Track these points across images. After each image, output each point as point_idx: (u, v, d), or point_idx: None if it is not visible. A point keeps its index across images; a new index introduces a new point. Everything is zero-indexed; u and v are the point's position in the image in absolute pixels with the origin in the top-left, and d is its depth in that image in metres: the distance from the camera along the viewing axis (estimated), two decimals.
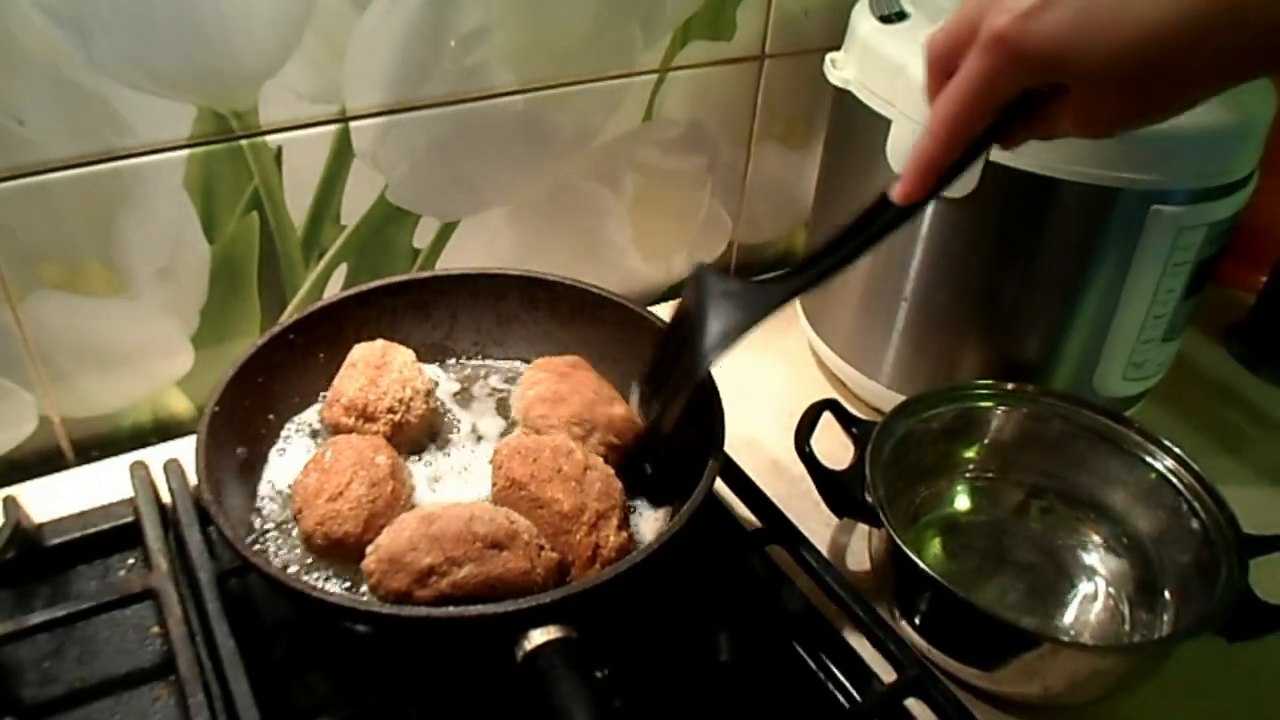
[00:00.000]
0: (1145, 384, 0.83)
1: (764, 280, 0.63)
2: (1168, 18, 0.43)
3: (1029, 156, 0.71)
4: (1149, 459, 0.72)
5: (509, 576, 0.57)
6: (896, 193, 0.55)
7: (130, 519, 0.72)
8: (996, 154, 0.70)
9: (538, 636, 0.53)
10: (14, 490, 0.74)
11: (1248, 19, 0.43)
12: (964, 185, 0.74)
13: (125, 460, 0.76)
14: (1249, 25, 0.43)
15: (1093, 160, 0.70)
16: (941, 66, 0.52)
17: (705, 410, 0.68)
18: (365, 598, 0.60)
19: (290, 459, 0.71)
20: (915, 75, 0.73)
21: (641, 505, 0.70)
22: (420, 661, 0.60)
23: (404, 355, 0.73)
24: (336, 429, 0.70)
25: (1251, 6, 0.42)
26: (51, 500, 0.75)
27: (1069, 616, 0.72)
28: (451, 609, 0.54)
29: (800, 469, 0.73)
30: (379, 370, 0.71)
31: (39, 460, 0.81)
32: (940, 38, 0.52)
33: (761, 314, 0.62)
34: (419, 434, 0.72)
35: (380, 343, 0.74)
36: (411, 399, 0.70)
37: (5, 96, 0.67)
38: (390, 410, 0.69)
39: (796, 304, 0.98)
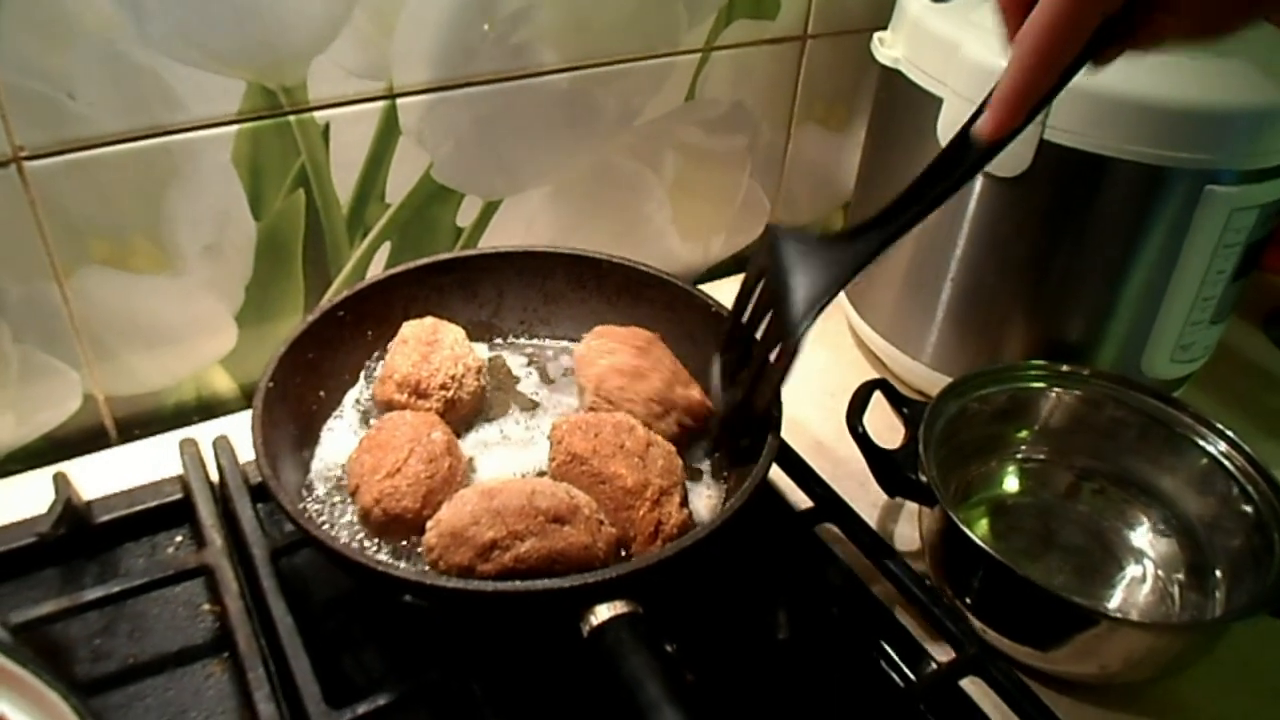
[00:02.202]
0: (1191, 367, 0.83)
1: (841, 235, 0.61)
2: None
3: (1081, 135, 0.71)
4: (1201, 442, 0.72)
5: (571, 551, 0.57)
6: (987, 125, 0.52)
7: (179, 496, 0.71)
8: (1053, 133, 0.72)
9: (604, 612, 0.52)
10: (59, 468, 0.73)
11: None
12: (1016, 164, 0.73)
13: (169, 439, 0.76)
14: None
15: (1146, 139, 0.70)
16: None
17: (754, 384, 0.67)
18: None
19: (340, 436, 0.71)
20: (969, 53, 0.73)
21: (693, 483, 0.69)
22: (477, 636, 0.60)
23: (455, 332, 0.73)
24: (389, 405, 0.69)
25: None
26: (96, 478, 0.74)
27: (1117, 598, 0.72)
28: (518, 584, 0.54)
29: (844, 450, 0.73)
30: (430, 347, 0.70)
31: (82, 438, 0.81)
32: None
33: (849, 273, 0.59)
34: (471, 411, 0.72)
35: (431, 320, 0.73)
36: (464, 376, 0.70)
37: (56, 70, 0.67)
38: (443, 387, 0.69)
39: None
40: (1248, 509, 0.68)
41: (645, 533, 0.61)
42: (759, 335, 0.63)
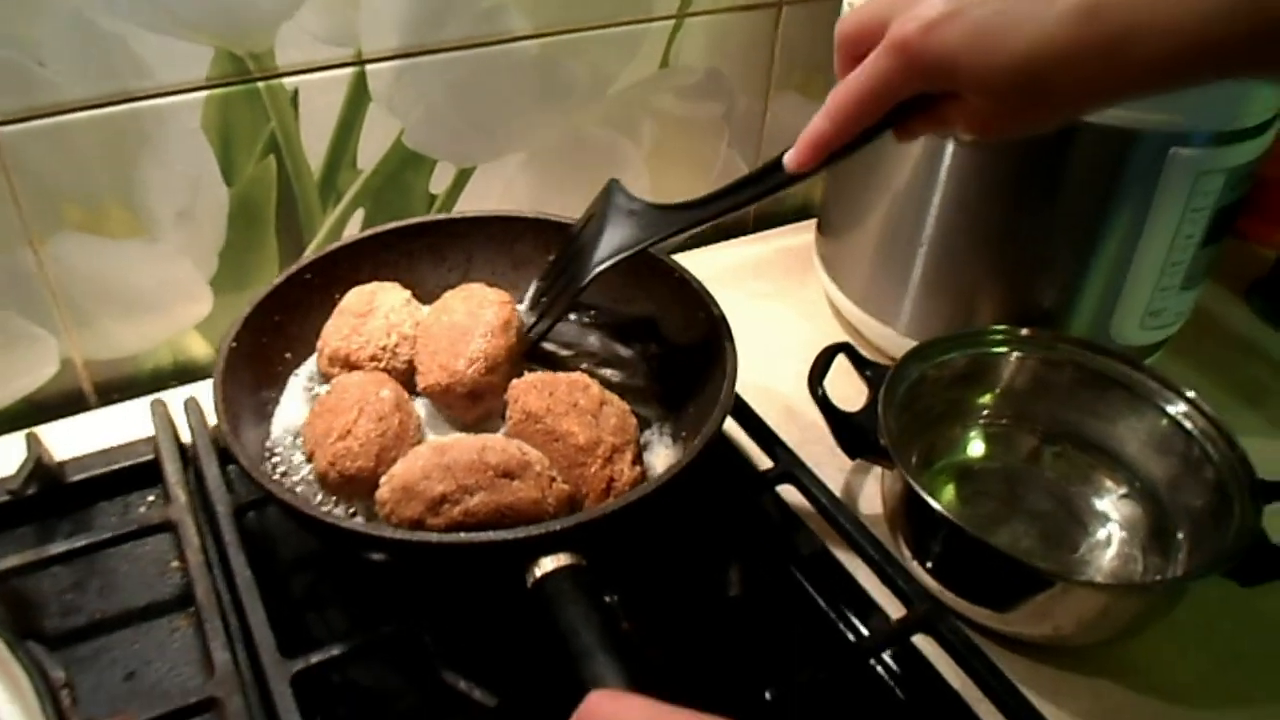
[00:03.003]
0: (1163, 333, 0.83)
1: (664, 207, 0.68)
2: (1051, 41, 0.47)
3: None
4: (1162, 404, 0.72)
5: (520, 505, 0.58)
6: (790, 159, 0.60)
7: (150, 457, 0.73)
8: None
9: (548, 564, 0.53)
10: (36, 430, 0.75)
11: (1121, 49, 0.46)
12: None
13: (146, 403, 0.77)
14: (1121, 55, 0.46)
15: None
16: (849, 51, 0.56)
17: (717, 346, 0.68)
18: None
19: (304, 398, 0.72)
20: None
21: (654, 441, 0.70)
22: (433, 592, 0.61)
23: (395, 298, 0.73)
24: (327, 379, 0.70)
25: (1124, 40, 0.46)
26: (74, 440, 0.76)
27: (1080, 562, 0.72)
28: (463, 535, 0.55)
29: (815, 416, 0.74)
30: (362, 318, 0.71)
31: (62, 402, 0.82)
32: (851, 25, 0.55)
33: (654, 236, 0.67)
34: (411, 377, 0.71)
35: (372, 286, 0.73)
36: (397, 345, 0.70)
37: (26, 37, 0.68)
38: (373, 359, 0.69)
39: (814, 253, 0.98)
40: (1208, 470, 0.68)
41: (597, 490, 0.62)
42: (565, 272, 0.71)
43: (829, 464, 0.76)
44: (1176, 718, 0.65)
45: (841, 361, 0.76)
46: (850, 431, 0.71)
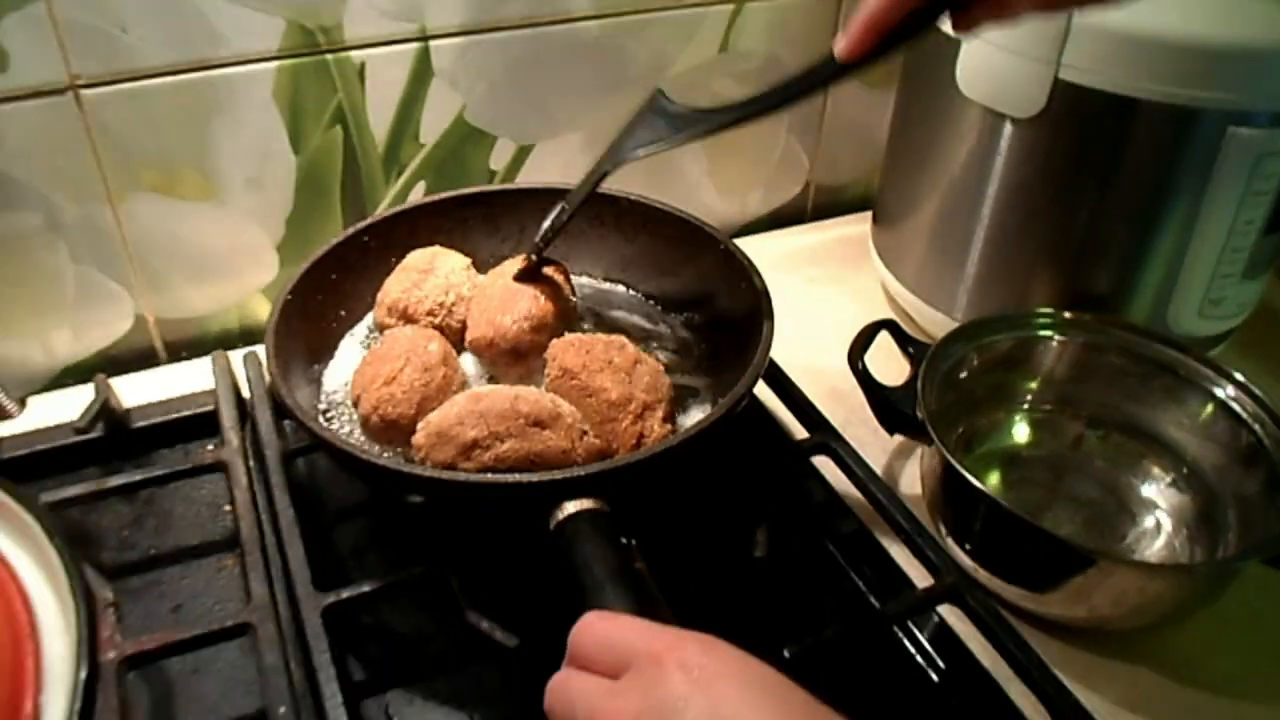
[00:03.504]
0: (1224, 324, 0.81)
1: (706, 110, 0.65)
2: None
3: (1099, 74, 0.70)
4: (1211, 387, 0.70)
5: (549, 454, 0.59)
6: (838, 45, 0.55)
7: (210, 407, 0.76)
8: (1069, 72, 0.71)
9: (570, 507, 0.54)
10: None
11: None
12: (1030, 104, 0.73)
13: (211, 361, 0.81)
14: None
15: (1167, 78, 0.69)
16: None
17: (757, 315, 0.69)
18: None
19: (353, 354, 0.75)
20: None
21: (694, 410, 0.71)
22: (461, 536, 0.62)
23: (454, 262, 0.76)
24: (383, 329, 0.73)
25: None
26: (142, 392, 0.79)
27: (1128, 549, 0.70)
28: (490, 475, 0.56)
29: (861, 399, 0.73)
30: (424, 274, 0.73)
31: (134, 357, 0.86)
32: None
33: (684, 134, 0.65)
34: (463, 338, 0.74)
35: (434, 249, 0.76)
36: (454, 304, 0.73)
37: (109, 4, 0.72)
38: (430, 313, 0.72)
39: (869, 240, 0.98)
40: (1260, 456, 0.67)
41: (627, 445, 0.63)
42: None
43: (871, 444, 0.76)
44: (1216, 709, 0.63)
45: (889, 345, 0.76)
46: (889, 406, 0.71)
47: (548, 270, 0.74)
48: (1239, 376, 0.69)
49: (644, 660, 0.40)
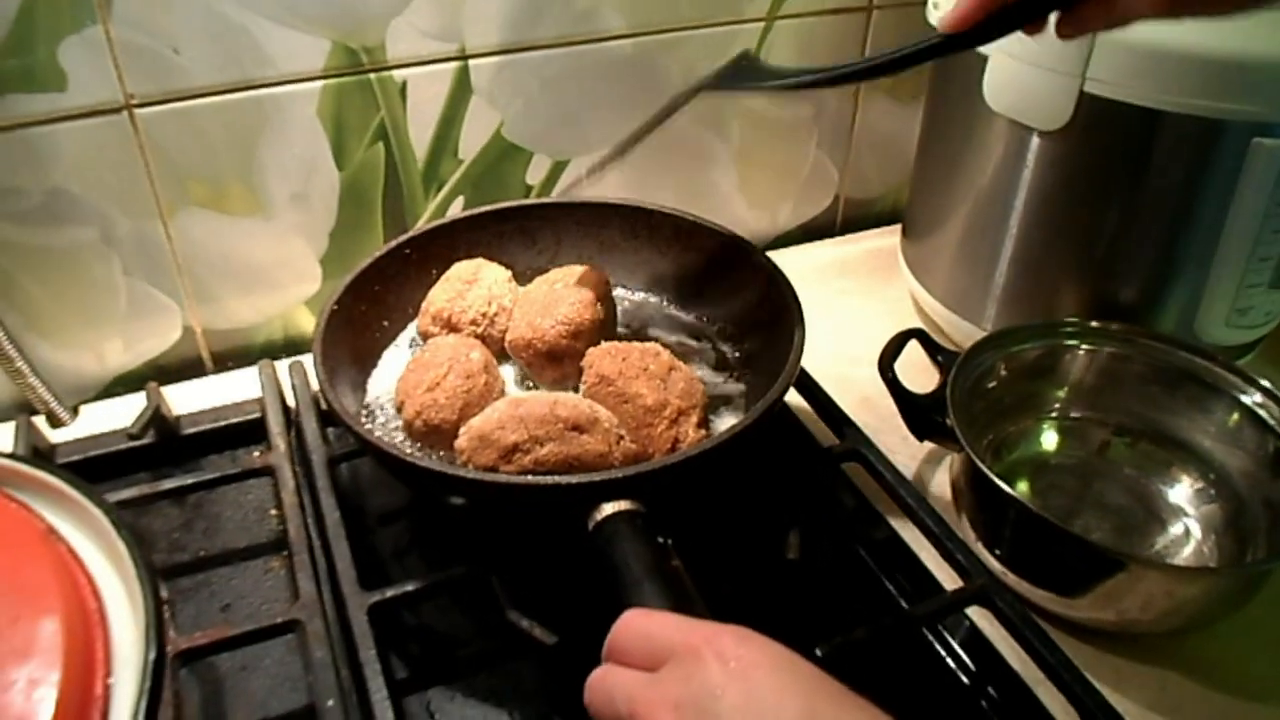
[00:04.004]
0: (1253, 333, 0.81)
1: (805, 69, 0.65)
2: None
3: (1124, 87, 0.71)
4: (1237, 394, 0.71)
5: (587, 457, 0.61)
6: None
7: (258, 415, 0.78)
8: (1094, 85, 0.72)
9: (609, 508, 0.56)
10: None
11: None
12: (1056, 117, 0.74)
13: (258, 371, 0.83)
14: None
15: (1190, 90, 0.70)
16: None
17: (789, 322, 0.70)
18: None
19: (396, 363, 0.77)
20: None
21: (726, 411, 0.73)
22: (502, 537, 0.64)
23: (497, 274, 0.78)
24: (426, 337, 0.75)
25: None
26: (191, 401, 0.82)
27: (1158, 555, 0.71)
28: (530, 477, 0.58)
29: (891, 408, 0.75)
30: (469, 285, 0.76)
31: (182, 367, 0.89)
32: None
33: (771, 82, 0.66)
34: (502, 346, 0.76)
35: (478, 261, 0.79)
36: (496, 314, 0.75)
37: (162, 26, 0.75)
38: (473, 322, 0.74)
39: (898, 252, 0.99)
40: None
41: (663, 449, 0.64)
42: None
43: (901, 451, 0.78)
44: (1246, 713, 0.63)
45: (918, 356, 0.77)
46: (919, 412, 0.73)
47: (591, 277, 0.76)
48: (1265, 383, 0.69)
49: (682, 652, 0.42)
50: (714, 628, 0.42)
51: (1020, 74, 0.76)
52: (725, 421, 0.72)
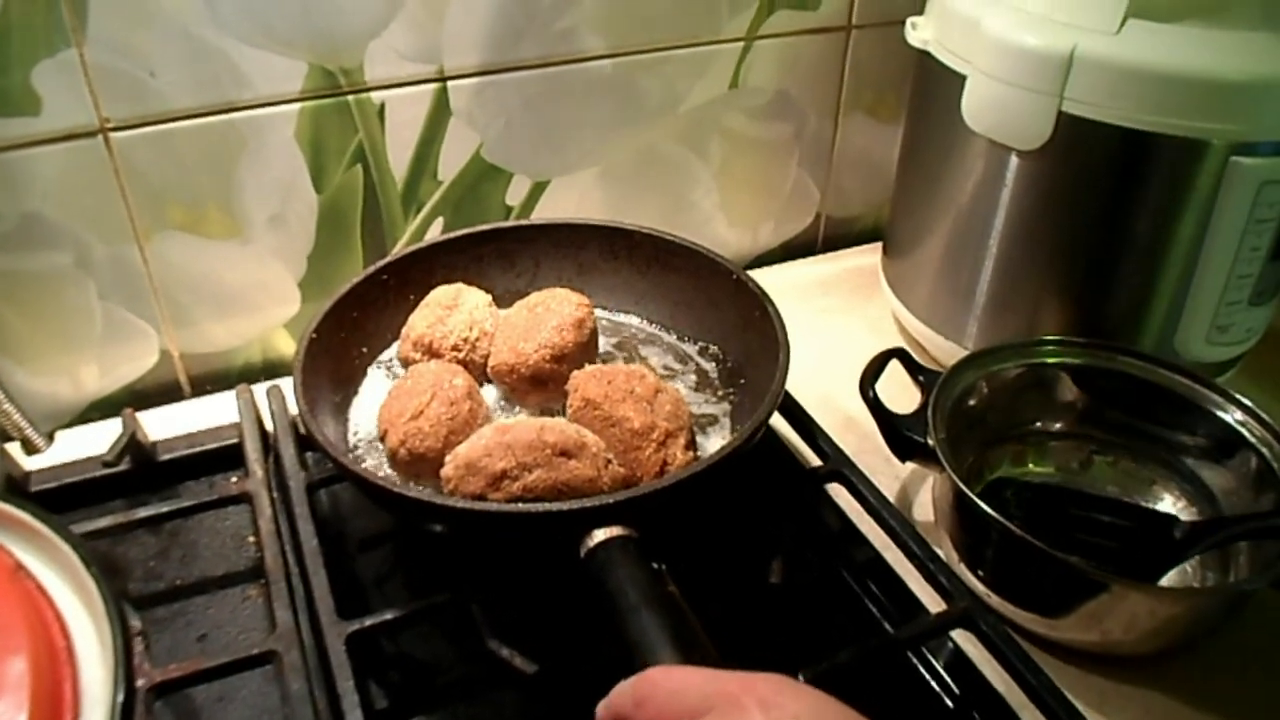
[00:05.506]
0: (1233, 350, 0.82)
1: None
2: None
3: (1102, 107, 0.71)
4: (1219, 412, 0.71)
5: (576, 483, 0.60)
6: None
7: (235, 440, 0.77)
8: (1072, 105, 0.72)
9: (600, 534, 0.56)
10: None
11: None
12: (1035, 136, 0.75)
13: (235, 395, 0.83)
14: None
15: (1168, 110, 0.70)
16: None
17: (773, 343, 0.70)
18: None
19: (377, 389, 0.76)
20: (989, 29, 0.74)
21: (715, 437, 0.73)
22: (485, 566, 0.63)
23: (477, 298, 0.77)
24: (407, 363, 0.74)
25: None
26: (168, 426, 0.81)
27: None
28: (521, 505, 0.58)
29: (873, 427, 0.75)
30: (449, 310, 0.75)
31: (159, 392, 0.88)
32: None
33: None
34: (486, 372, 0.76)
35: (457, 285, 0.78)
36: (478, 339, 0.75)
37: (139, 50, 0.74)
38: (455, 348, 0.73)
39: (879, 271, 0.99)
40: (1268, 478, 0.67)
41: (651, 472, 0.64)
42: None
43: (883, 472, 0.78)
44: None
45: (899, 374, 0.77)
46: (900, 434, 0.72)
47: (574, 301, 0.76)
48: (1246, 401, 0.70)
49: (722, 704, 0.41)
50: (746, 677, 0.42)
51: (999, 94, 0.76)
52: (711, 442, 0.72)
